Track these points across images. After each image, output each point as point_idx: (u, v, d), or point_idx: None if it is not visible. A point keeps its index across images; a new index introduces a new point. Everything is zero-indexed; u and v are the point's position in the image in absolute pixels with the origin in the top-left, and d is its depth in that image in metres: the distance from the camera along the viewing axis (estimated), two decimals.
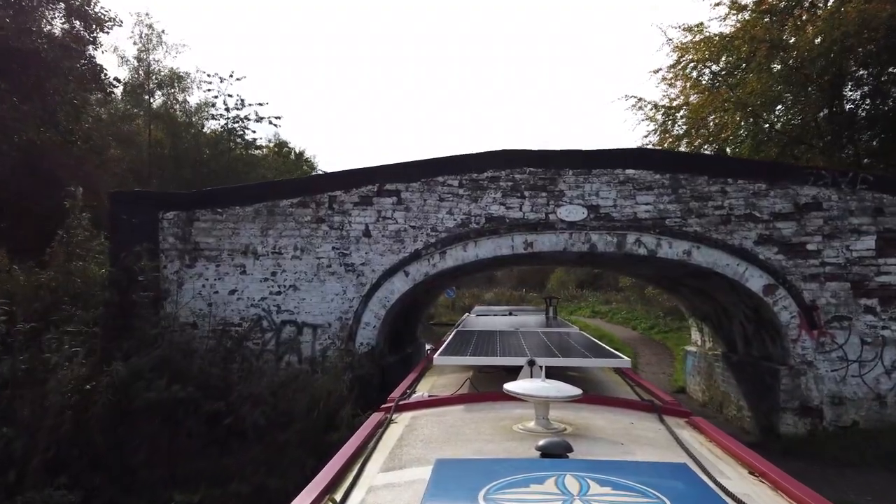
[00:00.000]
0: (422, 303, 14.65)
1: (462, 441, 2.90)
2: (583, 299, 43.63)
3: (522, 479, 2.04)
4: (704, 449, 2.97)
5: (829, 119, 21.35)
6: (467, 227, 11.28)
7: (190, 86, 32.52)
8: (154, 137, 30.73)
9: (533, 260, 12.35)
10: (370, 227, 11.31)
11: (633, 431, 3.14)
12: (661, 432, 3.18)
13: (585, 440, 2.81)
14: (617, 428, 3.15)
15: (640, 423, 3.35)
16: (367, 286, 11.25)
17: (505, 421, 3.12)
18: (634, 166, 11.23)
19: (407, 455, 2.73)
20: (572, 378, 3.94)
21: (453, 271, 11.88)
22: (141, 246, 10.17)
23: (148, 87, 32.21)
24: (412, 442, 2.95)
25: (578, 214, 11.19)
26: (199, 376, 9.89)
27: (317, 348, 11.16)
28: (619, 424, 3.24)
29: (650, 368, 20.08)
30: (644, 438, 3.01)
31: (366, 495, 2.24)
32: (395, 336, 12.81)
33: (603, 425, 3.15)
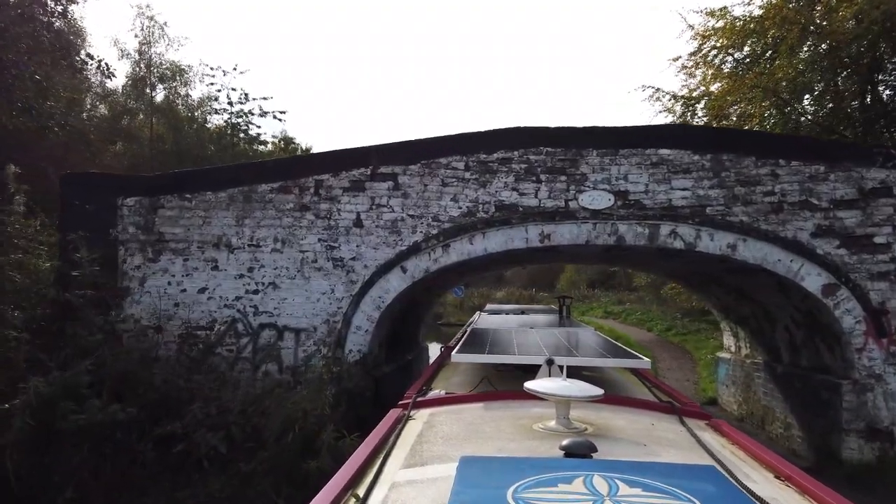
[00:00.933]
0: (423, 303, 12.93)
1: (483, 439, 2.86)
2: (595, 299, 41.81)
3: (550, 479, 2.00)
4: (727, 451, 2.90)
5: (862, 108, 19.54)
6: (474, 217, 9.55)
7: (192, 79, 30.98)
8: (156, 132, 29.26)
9: (550, 255, 10.64)
10: (362, 217, 9.60)
11: (654, 432, 3.08)
12: (683, 434, 3.13)
13: (607, 440, 2.76)
14: (638, 429, 3.10)
15: (660, 424, 3.29)
16: (358, 284, 9.54)
17: (524, 420, 3.07)
18: (669, 145, 9.46)
19: (428, 452, 2.68)
20: (588, 378, 3.67)
21: (458, 267, 10.15)
22: (76, 234, 8.48)
23: (150, 80, 30.72)
24: (432, 439, 2.90)
25: (603, 201, 9.43)
26: (161, 390, 8.25)
27: (300, 356, 9.46)
28: (639, 425, 3.17)
29: (672, 375, 18.26)
30: (666, 440, 2.96)
31: (389, 492, 2.17)
32: (393, 341, 11.09)
33: (623, 426, 3.10)
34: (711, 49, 21.94)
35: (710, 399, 14.23)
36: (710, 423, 3.52)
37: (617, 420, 3.20)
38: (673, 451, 2.74)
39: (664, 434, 3.08)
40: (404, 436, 2.97)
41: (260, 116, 28.37)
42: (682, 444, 2.94)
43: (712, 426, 3.46)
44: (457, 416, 3.35)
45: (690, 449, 2.83)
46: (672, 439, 2.99)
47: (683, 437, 3.08)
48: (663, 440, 2.95)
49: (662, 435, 3.05)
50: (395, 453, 2.68)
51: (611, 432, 2.93)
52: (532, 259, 11.24)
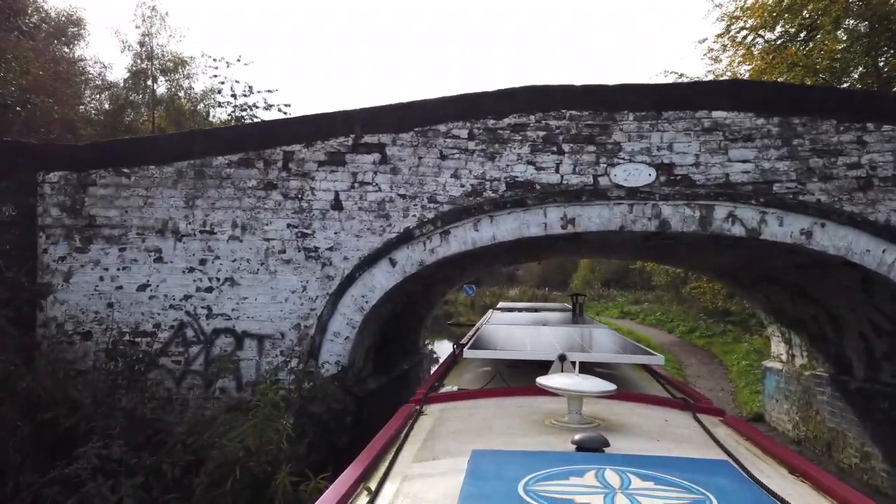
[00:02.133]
0: (423, 303, 10.91)
1: (495, 434, 2.82)
2: (610, 299, 39.59)
3: (561, 472, 1.98)
4: (741, 447, 2.81)
5: None
6: (480, 197, 7.52)
7: (195, 71, 29.19)
8: (157, 126, 27.52)
9: (573, 246, 8.60)
10: (342, 197, 7.60)
11: (667, 428, 3.03)
12: (696, 430, 3.05)
13: (620, 435, 2.67)
14: (651, 424, 3.04)
15: (673, 420, 3.22)
16: (336, 280, 7.55)
17: (536, 415, 3.00)
18: (726, 106, 7.37)
19: (440, 446, 2.66)
20: (601, 375, 3.46)
21: (460, 260, 8.13)
22: None
23: (151, 72, 28.99)
24: (444, 434, 2.88)
25: (642, 177, 7.37)
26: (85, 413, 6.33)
27: (263, 369, 7.47)
28: (652, 421, 3.12)
29: (703, 384, 16.11)
30: (679, 435, 2.91)
31: (401, 485, 2.16)
32: (383, 349, 9.07)
33: (636, 421, 3.03)
34: (741, 30, 20.05)
35: (754, 415, 12.08)
36: (724, 419, 3.41)
37: (630, 416, 3.12)
38: (686, 447, 2.68)
39: (677, 430, 3.01)
40: (416, 430, 2.91)
41: (265, 110, 26.51)
42: (696, 439, 2.87)
43: (726, 423, 3.34)
44: (468, 411, 3.29)
45: (704, 444, 2.76)
46: (685, 435, 2.93)
47: (697, 432, 2.99)
48: (676, 436, 2.89)
49: (675, 431, 2.99)
50: (407, 447, 2.63)
51: (623, 428, 2.84)
52: (550, 250, 9.23)
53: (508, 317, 8.98)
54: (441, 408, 3.41)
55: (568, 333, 5.70)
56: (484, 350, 4.61)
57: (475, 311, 40.38)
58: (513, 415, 3.11)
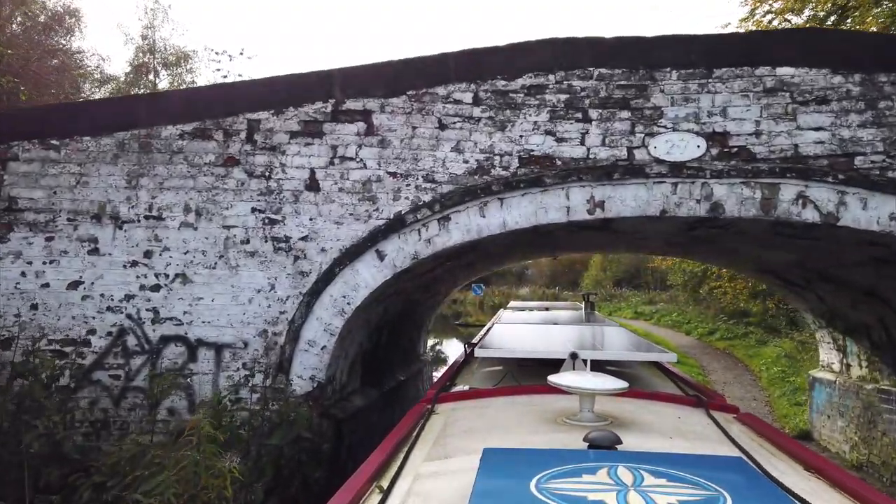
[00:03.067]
0: (424, 304, 9.40)
1: (506, 432, 2.75)
2: (623, 299, 37.96)
3: (573, 469, 1.95)
4: (756, 444, 2.73)
5: None
6: (487, 175, 6.04)
7: (197, 66, 27.91)
8: None
9: (600, 236, 7.06)
10: (318, 175, 6.14)
11: (680, 425, 2.96)
12: (710, 427, 2.98)
13: (633, 433, 2.60)
14: (663, 421, 2.99)
15: (686, 417, 3.14)
16: (311, 277, 6.08)
17: (548, 413, 2.95)
18: (794, 61, 5.86)
19: (451, 445, 2.62)
20: (612, 373, 3.35)
21: (463, 253, 6.65)
22: None
23: (153, 66, 27.76)
24: (456, 432, 2.83)
25: (689, 149, 5.86)
26: None
27: (222, 384, 6.01)
28: (665, 418, 3.06)
29: (732, 392, 14.53)
30: (692, 433, 2.84)
31: (413, 483, 2.13)
32: (373, 359, 7.59)
33: (649, 419, 2.97)
34: (766, 13, 18.62)
35: (800, 432, 10.50)
36: (738, 416, 3.32)
37: (642, 413, 3.04)
38: (699, 444, 2.63)
39: (690, 427, 2.94)
40: (428, 429, 2.86)
41: None
42: (709, 436, 2.80)
43: (740, 420, 3.24)
44: (480, 410, 3.22)
45: (718, 441, 2.70)
46: (699, 432, 2.87)
47: (710, 429, 2.92)
48: (690, 433, 2.83)
49: (689, 428, 2.92)
50: (419, 446, 2.59)
51: (636, 425, 2.78)
52: (571, 242, 7.73)
53: (520, 316, 8.44)
54: (452, 407, 3.33)
55: (579, 332, 5.50)
56: (495, 349, 4.48)
57: (484, 310, 39.07)
58: (524, 413, 3.05)
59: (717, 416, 3.18)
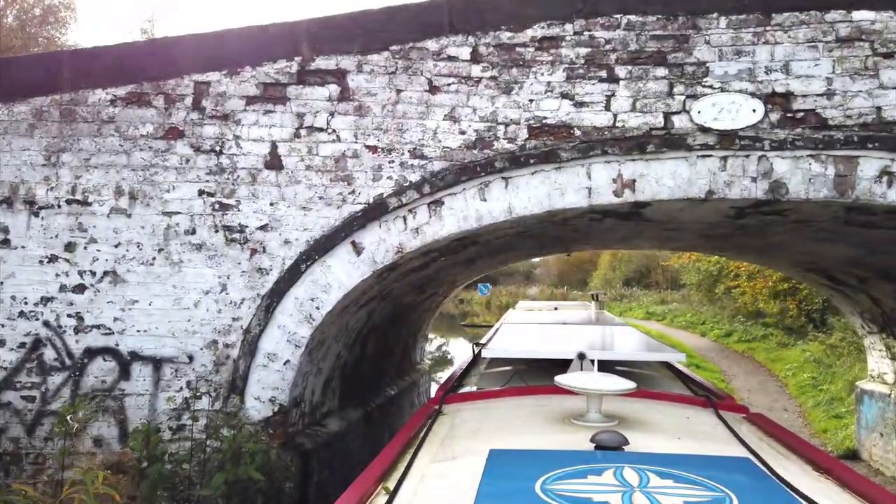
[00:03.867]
0: (416, 309, 8.12)
1: (513, 433, 2.72)
2: (633, 299, 36.60)
3: (579, 471, 1.93)
4: (765, 444, 2.67)
5: None
6: (490, 149, 4.82)
7: None
8: None
9: (628, 225, 5.77)
10: (281, 150, 4.94)
11: (688, 426, 2.92)
12: (719, 427, 2.90)
13: (640, 434, 2.53)
14: (672, 422, 2.94)
15: (695, 417, 3.08)
16: (272, 275, 4.88)
17: (556, 414, 2.88)
18: (875, 4, 4.59)
19: (458, 446, 2.58)
20: (621, 373, 3.30)
21: (459, 246, 5.42)
22: None
23: None
24: (463, 433, 2.79)
25: (743, 114, 4.62)
26: None
27: (161, 407, 4.81)
28: (673, 419, 3.01)
29: (758, 401, 13.21)
30: (701, 433, 2.80)
31: (419, 484, 2.11)
32: (356, 373, 6.37)
33: (657, 419, 2.91)
34: None
35: (845, 450, 9.19)
36: (747, 416, 3.25)
37: (650, 414, 2.97)
38: (708, 444, 2.58)
39: (699, 427, 2.90)
40: (435, 430, 2.82)
41: None
42: (718, 437, 2.74)
43: (750, 420, 3.18)
44: (487, 410, 3.17)
45: (726, 442, 2.63)
46: (707, 432, 2.81)
47: (719, 430, 2.85)
48: (698, 433, 2.79)
49: (697, 428, 2.88)
50: (426, 447, 2.55)
51: (644, 426, 2.71)
52: (590, 235, 6.43)
53: (528, 316, 8.10)
54: (460, 407, 3.27)
55: (588, 332, 5.40)
56: (502, 349, 4.42)
57: (491, 310, 37.89)
58: (532, 414, 2.97)
59: (727, 416, 3.08)
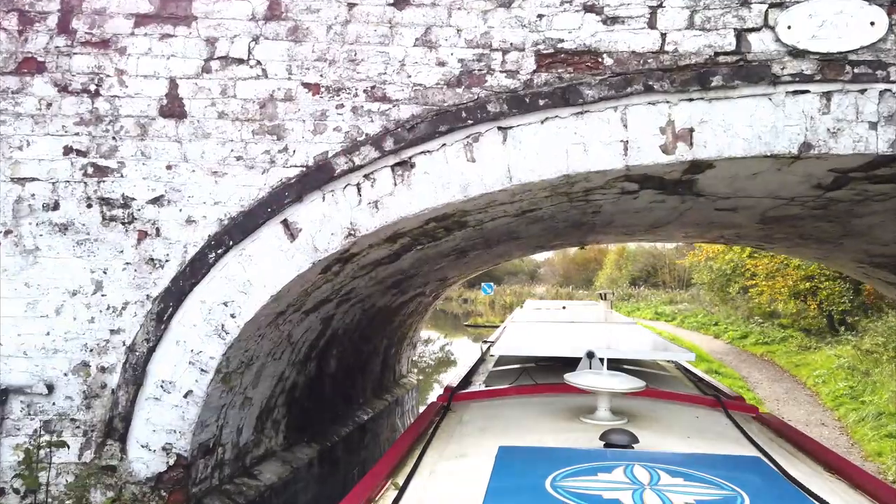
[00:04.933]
0: (395, 311, 6.49)
1: (522, 431, 2.62)
2: (641, 298, 34.97)
3: (589, 468, 1.89)
4: (775, 445, 2.62)
5: None
6: (480, 86, 3.28)
7: None
8: None
9: (671, 200, 4.20)
10: (184, 91, 3.40)
11: (698, 425, 2.83)
12: (728, 427, 2.82)
13: (649, 432, 2.46)
14: (681, 421, 2.87)
15: (704, 417, 3.01)
16: (168, 268, 3.35)
17: (565, 412, 2.82)
18: None
19: (467, 443, 2.54)
20: (630, 372, 3.20)
21: (437, 229, 3.85)
22: None
23: None
24: (471, 431, 2.72)
25: (854, 29, 3.05)
26: None
27: (5, 461, 3.27)
28: (682, 418, 2.94)
29: (789, 412, 11.64)
30: (710, 432, 2.72)
31: (429, 480, 2.10)
32: (309, 400, 4.81)
33: (667, 418, 2.86)
34: None
35: None
36: (757, 416, 3.18)
37: (660, 413, 2.92)
38: (717, 444, 2.51)
39: (708, 426, 2.81)
40: (444, 427, 2.78)
41: None
42: (728, 436, 2.66)
43: (759, 420, 3.12)
44: (496, 408, 3.09)
45: (736, 441, 2.55)
46: (717, 432, 2.74)
47: (729, 429, 2.77)
48: (707, 432, 2.71)
49: (707, 427, 2.80)
50: (435, 444, 2.51)
51: (653, 425, 2.66)
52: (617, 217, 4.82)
53: (536, 315, 7.73)
54: (468, 405, 3.17)
55: (597, 330, 5.16)
56: (512, 347, 4.11)
57: (495, 310, 36.44)
58: (541, 412, 2.90)
59: (736, 416, 2.96)
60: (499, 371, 4.66)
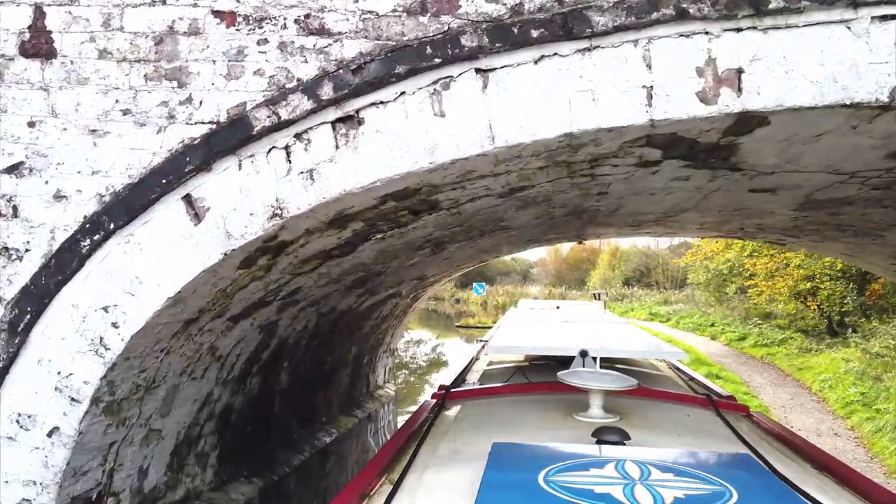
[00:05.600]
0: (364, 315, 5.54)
1: (516, 428, 2.63)
2: (635, 298, 34.17)
3: (581, 464, 1.90)
4: (764, 442, 2.64)
5: None
6: (452, 14, 2.38)
7: None
8: None
9: (699, 178, 3.35)
10: (52, 22, 2.47)
11: (689, 423, 2.86)
12: (719, 425, 2.85)
13: (641, 430, 2.46)
14: (672, 419, 2.89)
15: (696, 415, 3.02)
16: (27, 262, 2.43)
17: (558, 410, 2.85)
18: None
19: (461, 440, 2.52)
20: (623, 371, 3.23)
21: (398, 211, 2.93)
22: None
23: None
24: (466, 428, 2.72)
25: None
26: None
27: None
28: (674, 416, 2.96)
29: (797, 420, 10.80)
30: (701, 430, 2.75)
31: (422, 476, 2.08)
32: (245, 431, 3.88)
33: (658, 416, 2.88)
34: None
35: None
36: (747, 415, 3.22)
37: (651, 411, 2.94)
38: (708, 441, 2.52)
39: (700, 425, 2.84)
40: (438, 425, 2.78)
41: None
42: (718, 434, 2.68)
43: (750, 419, 3.16)
44: (490, 406, 3.12)
45: (726, 439, 2.57)
46: (708, 430, 2.76)
47: (719, 427, 2.79)
48: (698, 430, 2.73)
49: (698, 425, 2.83)
50: (429, 441, 2.50)
51: (644, 422, 2.67)
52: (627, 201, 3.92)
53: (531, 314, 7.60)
54: (463, 403, 3.18)
55: (590, 329, 5.04)
56: (506, 346, 4.16)
57: (487, 311, 35.72)
58: (534, 410, 2.94)
59: (727, 415, 3.00)
60: (493, 370, 4.59)
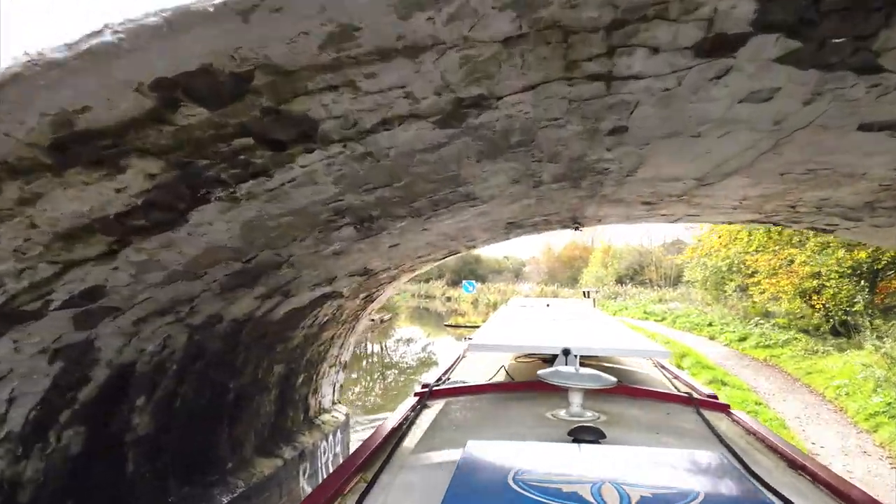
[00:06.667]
0: (280, 325, 4.10)
1: (495, 426, 2.66)
2: (629, 297, 32.74)
3: (553, 462, 1.90)
4: (742, 441, 2.65)
5: None
6: None
7: None
8: None
9: (811, 78, 2.05)
10: None
11: (668, 422, 2.85)
12: (698, 423, 2.83)
13: (619, 428, 2.50)
14: (652, 418, 2.88)
15: (675, 414, 3.01)
16: None
17: (539, 408, 2.82)
18: None
19: (439, 438, 2.52)
20: (608, 369, 3.34)
21: (221, 129, 1.46)
22: None
23: None
24: (445, 426, 2.72)
25: None
26: None
27: None
28: (654, 414, 2.95)
29: (818, 437, 9.37)
30: (680, 429, 2.73)
31: (397, 475, 2.09)
32: (71, 501, 2.41)
33: (638, 415, 2.88)
34: None
35: None
36: (728, 413, 3.19)
37: (631, 409, 2.93)
38: (686, 440, 2.52)
39: (678, 423, 2.81)
40: (418, 423, 2.77)
41: None
42: (696, 433, 2.65)
43: (731, 418, 3.12)
44: (471, 404, 3.11)
45: (703, 438, 2.56)
46: (686, 429, 2.73)
47: (698, 426, 2.76)
48: (677, 429, 2.70)
49: (676, 424, 2.80)
50: (408, 439, 2.52)
51: (623, 420, 2.68)
52: (655, 150, 2.67)
53: (519, 311, 7.05)
54: (444, 401, 3.15)
55: (575, 327, 4.98)
56: (489, 344, 3.98)
57: (478, 309, 34.59)
58: (514, 408, 2.91)
59: (707, 413, 2.97)
60: (477, 367, 4.51)
